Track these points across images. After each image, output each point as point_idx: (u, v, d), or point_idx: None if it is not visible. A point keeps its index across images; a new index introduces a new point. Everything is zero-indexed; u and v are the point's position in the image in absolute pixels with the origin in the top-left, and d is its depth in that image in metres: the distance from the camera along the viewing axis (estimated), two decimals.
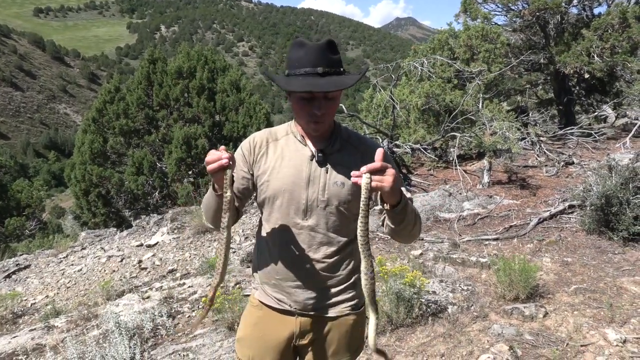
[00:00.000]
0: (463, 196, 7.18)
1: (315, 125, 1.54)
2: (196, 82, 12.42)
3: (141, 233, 8.06)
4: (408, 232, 1.55)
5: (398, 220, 1.47)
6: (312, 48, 1.48)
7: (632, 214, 4.94)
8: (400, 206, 1.42)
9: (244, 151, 1.66)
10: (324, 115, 1.51)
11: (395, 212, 1.43)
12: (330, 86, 1.44)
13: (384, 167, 1.33)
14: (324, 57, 1.47)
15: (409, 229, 1.53)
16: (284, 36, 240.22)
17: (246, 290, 4.43)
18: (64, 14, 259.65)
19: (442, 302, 3.87)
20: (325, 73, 1.47)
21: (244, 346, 1.75)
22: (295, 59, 1.50)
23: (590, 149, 9.20)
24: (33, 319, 5.19)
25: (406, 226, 1.51)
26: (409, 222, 1.50)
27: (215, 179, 1.46)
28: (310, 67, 1.46)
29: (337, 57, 1.51)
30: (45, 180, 50.29)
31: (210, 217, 1.63)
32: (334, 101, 1.52)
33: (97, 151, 11.84)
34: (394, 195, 1.38)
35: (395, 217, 1.46)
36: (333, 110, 1.54)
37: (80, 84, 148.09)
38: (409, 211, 1.48)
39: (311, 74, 1.46)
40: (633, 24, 9.91)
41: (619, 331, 3.28)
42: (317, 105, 1.49)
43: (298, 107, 1.53)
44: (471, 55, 10.70)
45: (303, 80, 1.46)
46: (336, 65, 1.49)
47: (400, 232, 1.54)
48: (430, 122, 9.69)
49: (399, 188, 1.39)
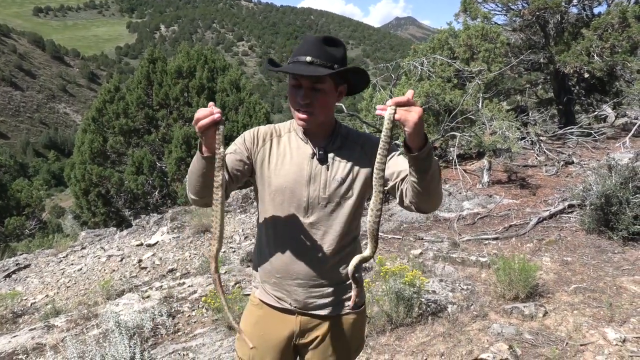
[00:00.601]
0: (463, 195, 7.18)
1: (302, 116, 1.52)
2: (196, 82, 12.44)
3: (141, 232, 8.07)
4: (434, 188, 1.44)
5: (424, 168, 1.36)
6: (309, 39, 1.52)
7: (632, 213, 4.94)
8: (426, 149, 1.32)
9: (246, 138, 1.66)
10: (310, 106, 1.51)
11: (421, 157, 1.33)
12: (303, 72, 1.45)
13: (411, 102, 1.27)
14: (316, 48, 1.49)
15: (435, 182, 1.42)
16: (284, 36, 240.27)
17: (246, 290, 4.44)
18: (64, 13, 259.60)
19: (441, 302, 3.87)
20: (313, 63, 1.47)
21: (244, 345, 1.75)
22: (294, 51, 1.53)
23: (590, 149, 9.20)
24: (33, 318, 5.19)
25: (433, 178, 1.40)
26: (435, 173, 1.40)
27: (205, 138, 1.36)
28: (301, 55, 1.49)
29: (333, 50, 1.51)
30: (45, 179, 50.26)
31: (195, 186, 1.52)
32: (322, 94, 1.51)
33: (97, 151, 11.86)
34: (419, 135, 1.30)
35: (421, 165, 1.35)
36: (322, 103, 1.52)
37: (80, 84, 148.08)
38: (434, 160, 1.38)
39: (299, 61, 1.49)
40: (633, 23, 9.91)
41: (619, 330, 3.29)
42: (301, 94, 1.50)
43: (289, 95, 1.56)
44: (471, 55, 10.69)
45: (289, 67, 1.49)
46: (328, 59, 1.49)
47: (427, 188, 1.41)
48: (430, 121, 9.68)
49: (422, 129, 1.30)
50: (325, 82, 1.50)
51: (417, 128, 1.27)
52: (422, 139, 1.32)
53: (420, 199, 1.45)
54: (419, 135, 1.29)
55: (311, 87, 1.49)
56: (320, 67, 1.47)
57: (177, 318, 4.21)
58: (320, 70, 1.46)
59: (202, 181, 1.47)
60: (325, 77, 1.50)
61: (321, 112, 1.54)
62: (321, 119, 1.56)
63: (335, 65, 1.50)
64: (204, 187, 1.47)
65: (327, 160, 1.59)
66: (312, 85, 1.49)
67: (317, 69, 1.47)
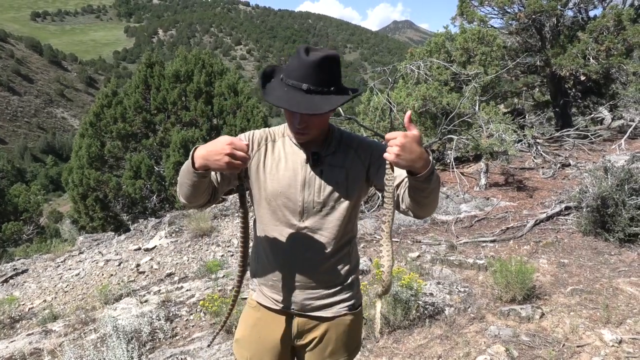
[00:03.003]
0: (460, 198, 7.20)
1: (298, 135, 1.56)
2: (194, 86, 12.44)
3: (139, 237, 8.05)
4: (432, 200, 1.46)
5: (422, 187, 1.38)
6: (305, 62, 1.44)
7: (628, 215, 4.97)
8: (425, 173, 1.33)
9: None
10: (306, 129, 1.52)
11: (420, 180, 1.34)
12: (302, 108, 1.42)
13: (389, 137, 1.29)
14: (313, 73, 1.44)
15: (432, 196, 1.43)
16: (282, 39, 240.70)
17: (244, 294, 4.44)
18: (61, 18, 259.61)
19: (439, 304, 3.88)
20: (310, 91, 1.44)
21: (242, 347, 1.76)
22: (290, 68, 1.48)
23: (586, 151, 9.24)
24: (31, 323, 5.18)
25: (430, 193, 1.41)
26: (434, 189, 1.40)
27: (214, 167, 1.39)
28: (298, 81, 1.45)
29: (329, 75, 1.47)
30: (43, 184, 50.17)
31: (185, 193, 1.54)
32: (319, 117, 1.50)
33: (95, 155, 11.84)
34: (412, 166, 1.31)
35: (419, 185, 1.37)
36: (317, 125, 1.53)
37: (78, 88, 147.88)
38: (435, 177, 1.37)
39: (296, 88, 1.45)
40: (628, 26, 9.98)
41: (615, 332, 3.30)
42: (297, 119, 1.50)
43: (285, 114, 1.55)
44: (468, 58, 10.74)
45: (285, 94, 1.46)
46: (325, 85, 1.46)
47: (424, 201, 1.44)
48: (427, 124, 9.72)
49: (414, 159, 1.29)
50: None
51: (405, 163, 1.30)
52: (421, 166, 1.32)
53: (416, 207, 1.48)
54: (412, 166, 1.31)
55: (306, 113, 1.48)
56: (318, 94, 1.45)
57: (175, 322, 4.21)
58: (318, 104, 1.43)
59: (193, 190, 1.51)
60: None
61: (317, 130, 1.56)
62: (317, 134, 1.57)
63: (332, 88, 1.47)
64: (194, 195, 1.52)
65: (321, 165, 1.60)
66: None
67: (313, 98, 1.44)
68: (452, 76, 10.23)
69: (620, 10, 10.19)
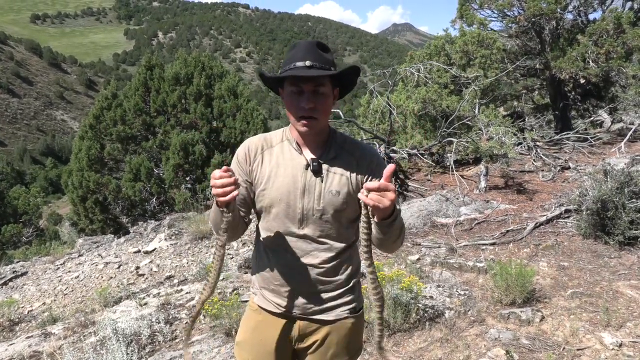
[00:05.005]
0: (460, 201, 7.20)
1: (306, 122, 1.53)
2: (193, 89, 12.45)
3: (138, 239, 8.05)
4: (392, 243, 1.55)
5: (384, 231, 1.47)
6: (302, 45, 1.53)
7: (628, 218, 4.97)
8: (389, 220, 1.43)
9: (239, 160, 1.67)
10: (313, 110, 1.51)
11: (384, 224, 1.44)
12: (307, 73, 1.46)
13: (383, 187, 1.33)
14: (313, 52, 1.50)
15: (393, 239, 1.53)
16: (282, 42, 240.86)
17: (244, 297, 4.43)
18: (61, 20, 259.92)
19: (439, 307, 3.88)
20: (313, 66, 1.48)
21: (243, 350, 1.76)
22: (287, 59, 1.53)
23: (586, 154, 9.25)
24: (30, 326, 5.18)
25: (391, 237, 1.50)
26: (395, 232, 1.50)
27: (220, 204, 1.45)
28: (299, 61, 1.49)
29: (327, 55, 1.53)
30: (42, 187, 50.17)
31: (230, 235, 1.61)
32: (325, 97, 1.52)
33: (94, 158, 11.85)
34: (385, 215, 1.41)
35: (382, 228, 1.46)
36: (324, 107, 1.54)
37: (78, 91, 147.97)
38: (396, 226, 1.48)
39: (299, 67, 1.48)
40: (628, 29, 9.99)
41: (615, 335, 3.30)
42: (305, 98, 1.50)
43: (289, 103, 1.54)
44: (467, 61, 10.76)
45: (289, 73, 1.49)
46: (325, 62, 1.50)
47: (385, 241, 1.53)
48: (427, 127, 9.72)
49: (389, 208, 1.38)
50: (326, 85, 1.52)
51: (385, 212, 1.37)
52: (388, 215, 1.41)
53: (378, 243, 1.55)
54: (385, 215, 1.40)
55: (313, 91, 1.50)
56: (320, 70, 1.48)
57: (174, 325, 4.20)
58: (322, 73, 1.48)
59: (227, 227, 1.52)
60: (327, 80, 1.52)
61: (324, 116, 1.55)
62: (323, 123, 1.58)
63: (331, 68, 1.52)
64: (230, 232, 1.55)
65: (321, 172, 1.59)
66: (314, 89, 1.50)
67: (318, 72, 1.48)
68: (451, 79, 10.24)
69: (619, 14, 10.21)
